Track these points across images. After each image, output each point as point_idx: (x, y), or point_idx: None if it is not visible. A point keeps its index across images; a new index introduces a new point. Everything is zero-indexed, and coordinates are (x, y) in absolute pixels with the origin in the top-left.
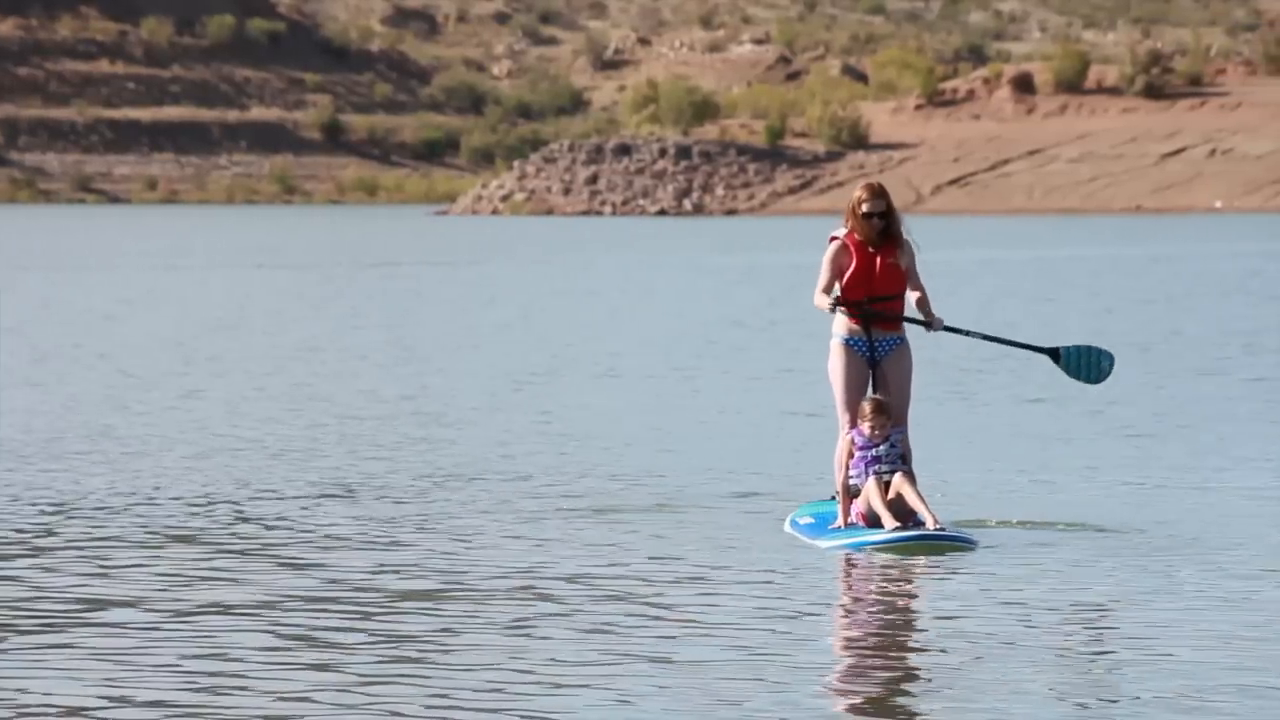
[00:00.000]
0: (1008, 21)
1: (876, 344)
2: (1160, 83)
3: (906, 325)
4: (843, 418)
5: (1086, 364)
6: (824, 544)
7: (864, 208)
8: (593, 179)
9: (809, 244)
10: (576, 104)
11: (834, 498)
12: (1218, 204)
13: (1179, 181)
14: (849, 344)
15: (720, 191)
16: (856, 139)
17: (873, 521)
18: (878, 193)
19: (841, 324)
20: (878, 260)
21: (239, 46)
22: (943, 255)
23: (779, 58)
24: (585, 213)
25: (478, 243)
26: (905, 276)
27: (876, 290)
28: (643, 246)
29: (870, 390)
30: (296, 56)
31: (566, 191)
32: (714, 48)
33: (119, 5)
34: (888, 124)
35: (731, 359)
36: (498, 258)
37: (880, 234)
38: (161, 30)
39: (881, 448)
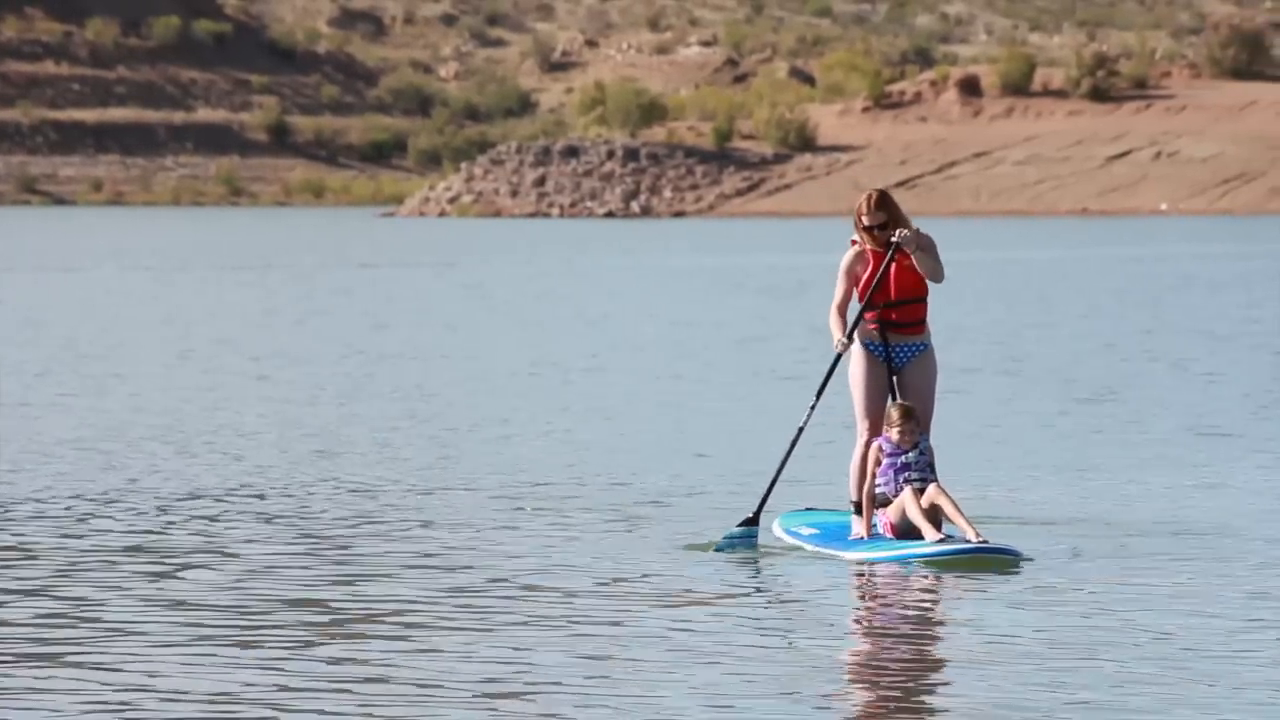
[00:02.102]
0: (954, 24)
1: (894, 351)
2: (1106, 86)
3: (924, 337)
4: (861, 425)
5: (733, 540)
6: (853, 555)
7: (864, 221)
8: (540, 181)
9: (772, 245)
10: (524, 106)
11: (828, 508)
12: (1163, 206)
13: (1125, 184)
14: (869, 349)
15: (668, 193)
16: (804, 141)
17: (903, 533)
18: (878, 204)
19: (862, 330)
20: (894, 265)
21: (185, 48)
22: None
23: (726, 60)
24: (533, 214)
25: (426, 244)
26: (923, 281)
27: (893, 295)
28: (619, 248)
29: (892, 398)
30: (243, 58)
31: (514, 193)
32: (661, 50)
33: (64, 6)
34: (835, 126)
35: (724, 361)
36: (472, 258)
37: (888, 245)
38: (107, 31)
39: (910, 455)
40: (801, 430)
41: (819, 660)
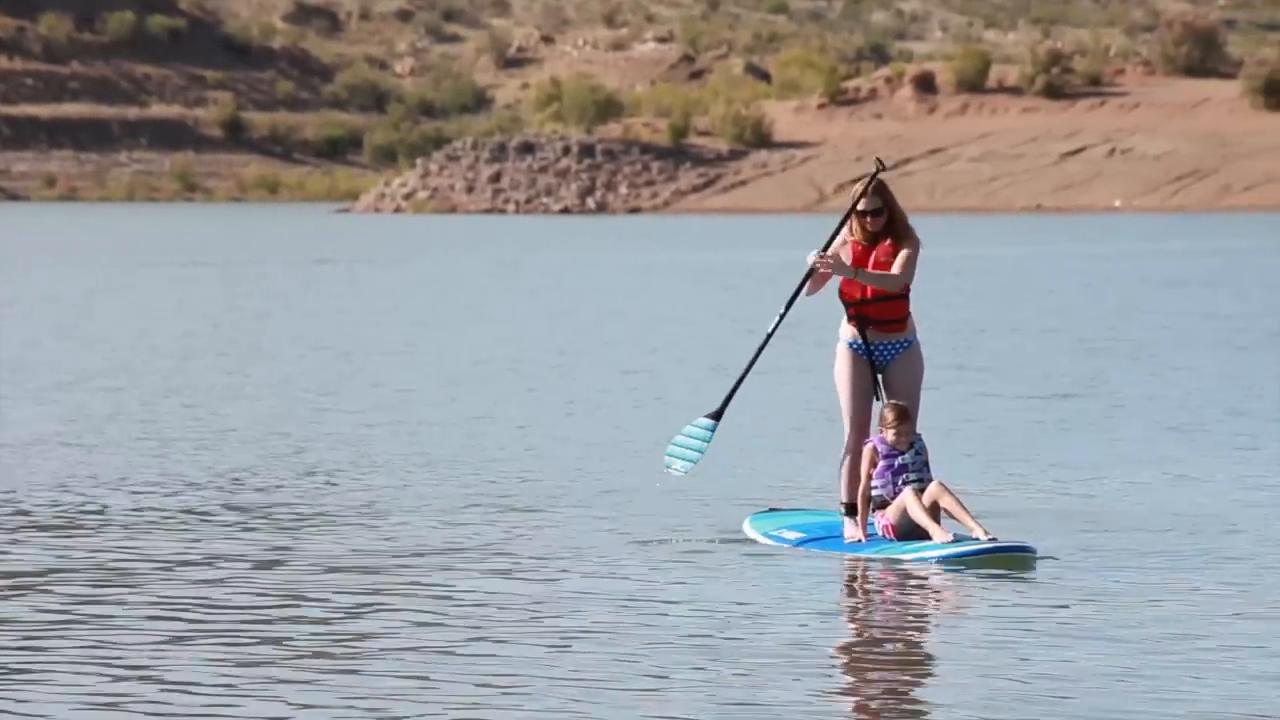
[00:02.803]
0: (909, 21)
1: (875, 348)
2: (1060, 83)
3: (909, 329)
4: (848, 425)
5: (685, 447)
6: (853, 558)
7: (860, 205)
8: (496, 177)
9: (731, 241)
10: (480, 102)
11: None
12: (1117, 203)
13: (1079, 181)
14: (853, 348)
15: (624, 190)
16: (760, 138)
17: (903, 534)
18: (875, 189)
19: (845, 328)
20: (872, 256)
21: (139, 43)
22: None
23: (682, 56)
24: (488, 211)
25: (382, 240)
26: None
27: (870, 290)
28: (578, 244)
29: (876, 397)
30: (197, 53)
31: (470, 190)
32: (617, 46)
33: (17, 1)
34: (791, 123)
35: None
36: (426, 255)
37: (879, 234)
38: (61, 26)
39: (906, 455)
40: (770, 336)
41: (799, 661)
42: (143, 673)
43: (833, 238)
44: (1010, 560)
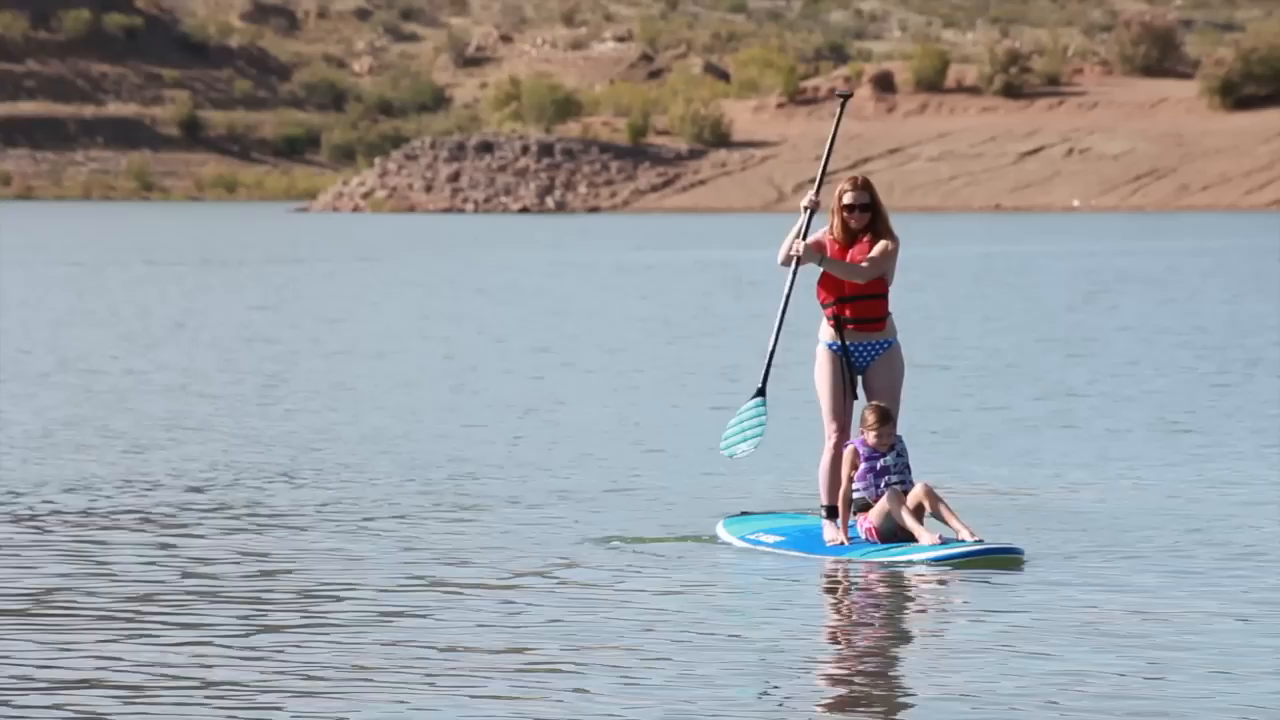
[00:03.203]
0: (868, 21)
1: (853, 350)
2: (1019, 82)
3: (889, 330)
4: (828, 427)
5: (742, 428)
6: (836, 561)
7: (845, 199)
8: (455, 176)
9: (692, 241)
10: (438, 101)
11: (789, 511)
12: (1075, 203)
13: (1037, 180)
14: (833, 349)
15: (583, 189)
16: (719, 137)
17: (886, 536)
18: (861, 185)
19: (825, 330)
20: (849, 254)
21: (96, 41)
22: None
23: (641, 55)
24: (447, 210)
25: (342, 240)
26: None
27: (846, 289)
28: (540, 243)
29: (854, 398)
30: (154, 52)
31: (428, 189)
32: (576, 45)
33: None
34: (750, 122)
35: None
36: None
37: (861, 231)
38: (16, 24)
39: (888, 457)
40: (783, 317)
41: (792, 661)
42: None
43: (804, 231)
44: (997, 562)
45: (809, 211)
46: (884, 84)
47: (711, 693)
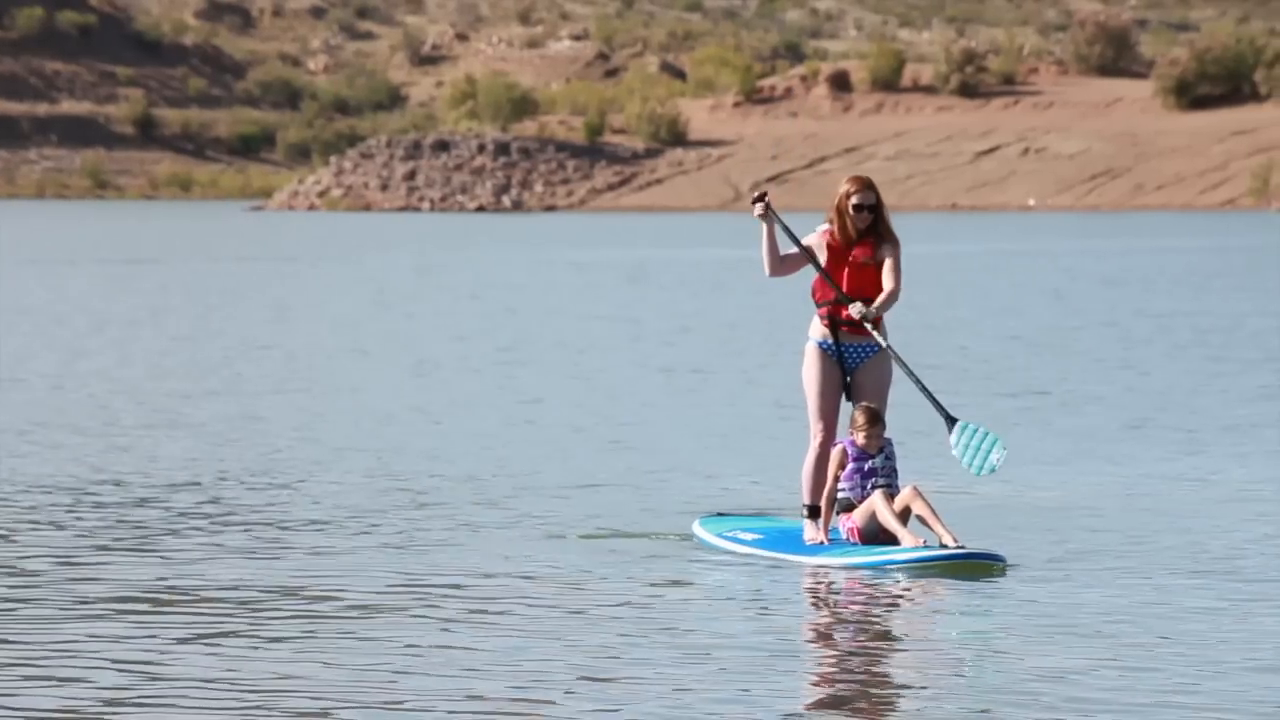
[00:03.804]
0: (824, 20)
1: (845, 350)
2: (974, 82)
3: (880, 332)
4: (815, 426)
5: (978, 448)
6: (817, 561)
7: (853, 200)
8: (410, 175)
9: (650, 239)
10: (394, 100)
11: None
12: (1031, 202)
13: (993, 180)
14: (823, 347)
15: (539, 188)
16: (675, 136)
17: (869, 537)
18: (867, 185)
19: (816, 328)
20: (850, 255)
21: (49, 39)
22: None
23: (597, 54)
24: (403, 208)
25: (299, 238)
26: (879, 279)
27: (847, 290)
28: (497, 241)
29: (843, 400)
30: (108, 49)
31: (384, 187)
32: (532, 44)
33: None
34: (706, 121)
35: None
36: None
37: (865, 231)
38: None
39: (876, 459)
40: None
41: (775, 668)
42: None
43: (779, 232)
44: (978, 568)
45: (765, 215)
46: (840, 83)
47: (688, 694)
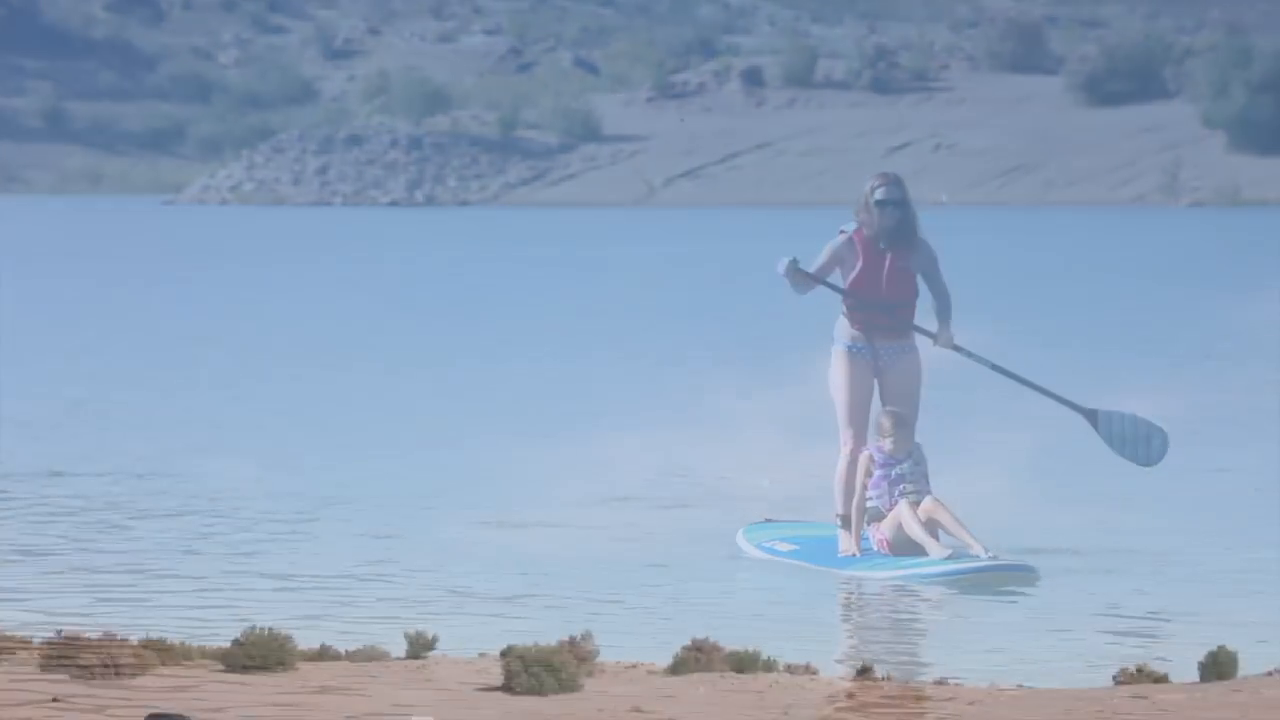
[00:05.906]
0: (737, 15)
1: (881, 352)
2: (887, 77)
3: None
4: (845, 433)
5: (1133, 438)
6: (849, 573)
7: (878, 194)
8: (323, 169)
9: (563, 234)
10: (306, 94)
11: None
12: (943, 198)
13: (905, 175)
14: (852, 351)
15: (452, 183)
16: (589, 131)
17: (899, 548)
18: (894, 180)
19: (844, 330)
20: (887, 262)
21: None
22: (675, 249)
23: (510, 49)
24: (315, 203)
25: (212, 233)
26: (916, 282)
27: (884, 297)
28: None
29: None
30: (16, 43)
31: (296, 182)
32: (445, 38)
33: None
34: (619, 116)
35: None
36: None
37: (894, 229)
38: None
39: (905, 465)
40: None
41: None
42: None
43: (807, 276)
44: (1010, 579)
45: (800, 282)
46: (753, 78)
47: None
